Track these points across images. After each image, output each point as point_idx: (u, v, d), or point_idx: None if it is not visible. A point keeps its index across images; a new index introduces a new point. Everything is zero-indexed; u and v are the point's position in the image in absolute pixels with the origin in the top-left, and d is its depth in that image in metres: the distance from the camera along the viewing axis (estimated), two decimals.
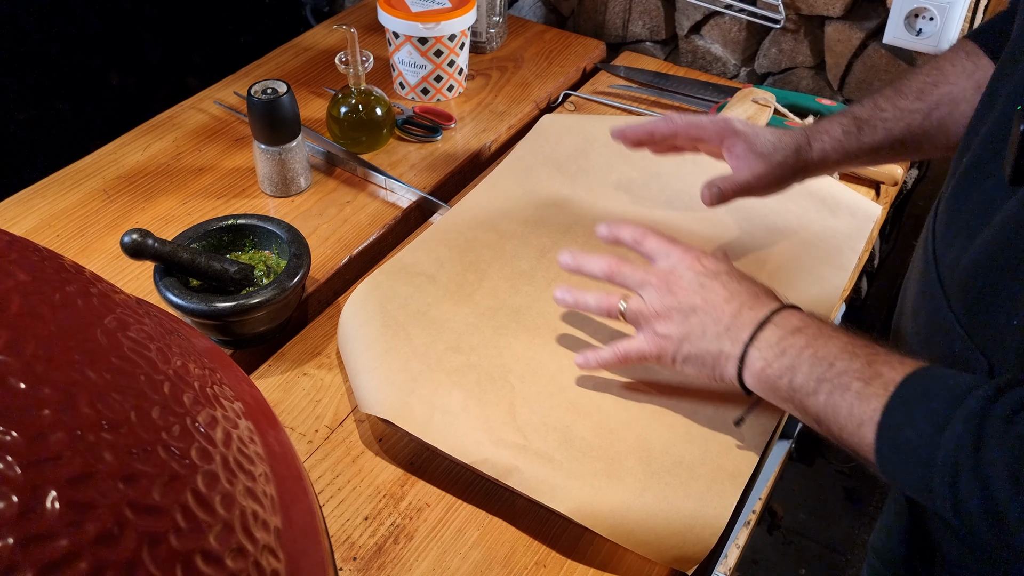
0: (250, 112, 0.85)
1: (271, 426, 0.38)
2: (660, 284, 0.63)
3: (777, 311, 0.59)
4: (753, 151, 0.73)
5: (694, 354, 0.61)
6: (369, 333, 0.72)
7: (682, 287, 0.62)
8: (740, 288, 0.62)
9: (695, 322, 0.61)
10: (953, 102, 0.70)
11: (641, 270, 0.65)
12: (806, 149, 0.73)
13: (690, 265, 0.63)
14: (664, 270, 0.64)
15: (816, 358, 0.54)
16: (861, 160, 0.74)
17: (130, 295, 0.38)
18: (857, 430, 0.51)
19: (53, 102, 1.17)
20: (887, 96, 0.73)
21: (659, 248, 0.66)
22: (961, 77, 0.70)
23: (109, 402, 0.28)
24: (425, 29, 1.00)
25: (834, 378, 0.53)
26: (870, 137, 0.72)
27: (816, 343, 0.55)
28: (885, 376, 0.51)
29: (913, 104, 0.71)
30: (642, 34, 1.23)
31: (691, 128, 0.75)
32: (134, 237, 0.66)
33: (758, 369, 0.58)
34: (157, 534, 0.26)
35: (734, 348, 0.59)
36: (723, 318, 0.60)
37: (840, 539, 1.56)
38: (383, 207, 0.91)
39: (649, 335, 0.63)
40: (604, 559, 0.61)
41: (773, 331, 0.58)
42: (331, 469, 0.66)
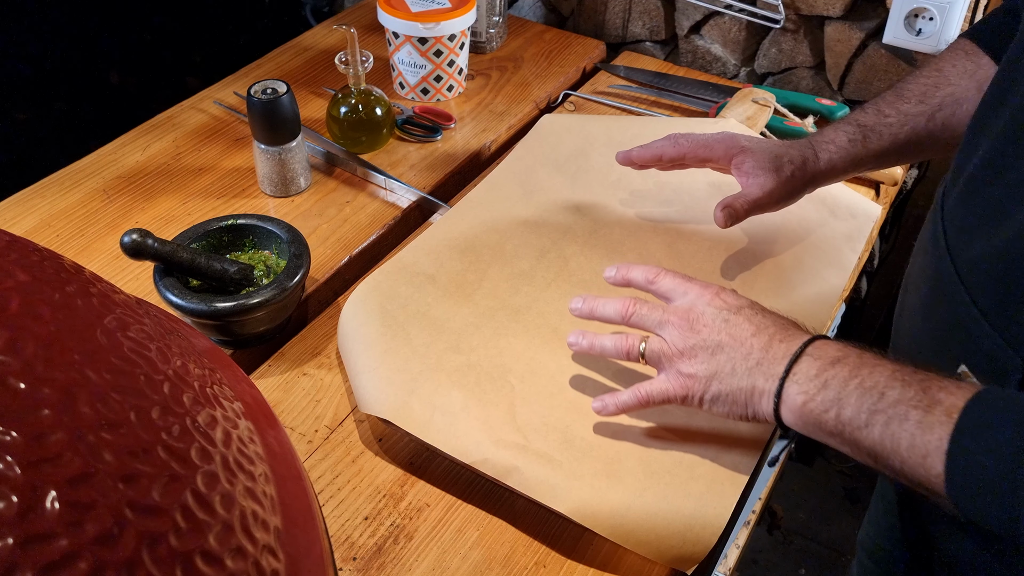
0: (250, 112, 0.85)
1: (271, 426, 0.38)
2: (681, 322, 0.61)
3: (810, 342, 0.56)
4: (762, 167, 0.72)
5: (724, 393, 0.58)
6: (369, 333, 0.72)
7: (705, 324, 0.60)
8: (766, 321, 0.59)
9: (723, 359, 0.58)
10: (956, 103, 0.70)
11: (659, 309, 0.63)
12: (813, 161, 0.73)
13: (710, 301, 0.61)
14: (684, 308, 0.62)
15: (864, 388, 0.51)
16: (867, 166, 0.74)
17: (130, 295, 0.38)
18: (922, 462, 0.48)
19: (53, 102, 1.17)
20: (889, 101, 0.73)
21: (675, 286, 0.64)
22: (963, 78, 0.70)
23: (109, 402, 0.28)
24: (425, 29, 1.00)
25: (888, 408, 0.50)
26: (876, 144, 0.72)
27: (861, 372, 0.52)
28: (945, 403, 0.48)
29: (916, 108, 0.71)
30: (642, 34, 1.23)
31: (698, 149, 0.75)
32: (134, 237, 0.66)
33: (799, 404, 0.54)
34: (157, 534, 0.26)
35: (768, 383, 0.56)
36: (753, 353, 0.58)
37: (840, 539, 1.56)
38: (383, 207, 0.91)
39: (673, 375, 0.61)
40: (604, 559, 0.61)
41: (810, 363, 0.55)
42: (331, 469, 0.66)
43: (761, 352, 0.57)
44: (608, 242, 0.83)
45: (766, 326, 0.59)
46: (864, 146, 0.72)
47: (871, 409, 0.51)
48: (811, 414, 0.54)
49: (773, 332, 0.58)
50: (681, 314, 0.61)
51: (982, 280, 0.54)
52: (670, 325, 0.61)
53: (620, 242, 0.83)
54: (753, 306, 0.61)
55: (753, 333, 0.58)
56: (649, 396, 0.61)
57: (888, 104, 0.73)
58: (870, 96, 1.10)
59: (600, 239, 0.84)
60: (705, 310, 0.60)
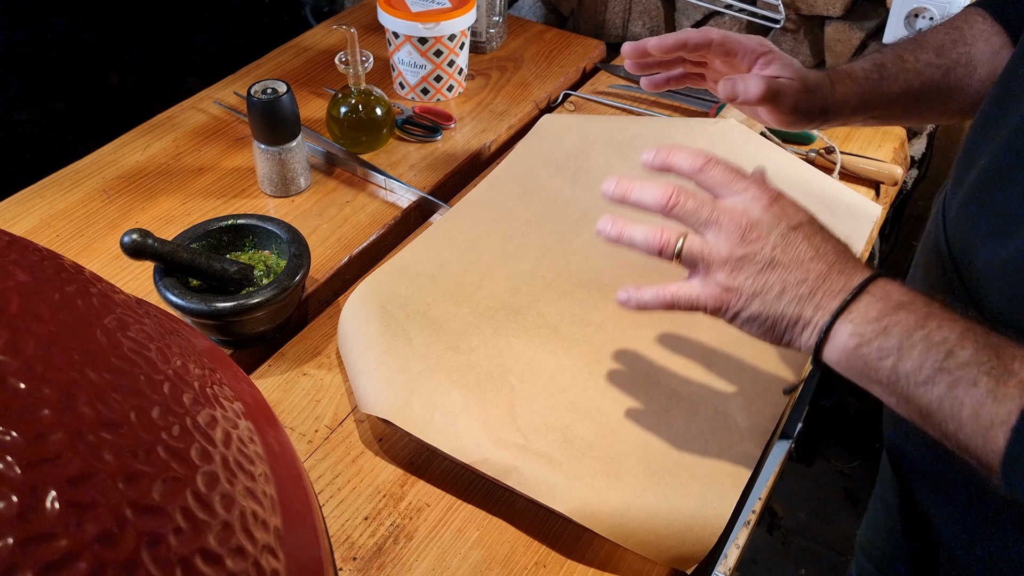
0: (250, 112, 0.85)
1: (271, 426, 0.38)
2: (731, 226, 0.53)
3: (872, 279, 0.51)
4: (788, 70, 0.68)
5: (764, 315, 0.53)
6: (369, 333, 0.72)
7: (759, 234, 0.53)
8: (826, 247, 0.53)
9: (772, 279, 0.53)
10: (971, 64, 0.68)
11: (708, 205, 0.55)
12: (830, 90, 0.69)
13: (767, 207, 0.54)
14: (737, 210, 0.54)
15: (931, 343, 0.47)
16: (876, 110, 0.71)
17: (130, 295, 0.38)
18: (984, 432, 0.45)
19: (53, 102, 1.17)
20: (907, 48, 0.70)
21: (728, 180, 0.56)
22: (979, 40, 0.69)
23: (109, 402, 0.28)
24: (425, 29, 1.00)
25: (956, 369, 0.46)
26: (889, 87, 0.69)
27: (929, 324, 0.48)
28: (1020, 374, 0.44)
29: (934, 59, 0.69)
30: (642, 34, 1.23)
31: (727, 40, 0.69)
32: (134, 237, 0.66)
33: (851, 346, 0.50)
34: (157, 534, 0.26)
35: (818, 316, 0.51)
36: (808, 279, 0.52)
37: (840, 539, 1.56)
38: (383, 207, 0.91)
39: (710, 285, 0.54)
40: (604, 559, 0.61)
41: (872, 303, 0.50)
42: (331, 469, 0.66)
43: (817, 280, 0.52)
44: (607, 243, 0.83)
45: (826, 252, 0.53)
46: (878, 86, 0.69)
47: (936, 367, 0.47)
48: (862, 359, 0.49)
49: (833, 261, 0.52)
50: (734, 217, 0.54)
51: (990, 292, 0.52)
52: (717, 227, 0.54)
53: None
54: (813, 223, 0.55)
55: (812, 257, 0.52)
56: (675, 299, 0.56)
57: (907, 50, 0.70)
58: None
59: (599, 239, 0.84)
60: (761, 217, 0.54)
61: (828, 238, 0.54)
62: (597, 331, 0.74)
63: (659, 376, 0.70)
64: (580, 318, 0.75)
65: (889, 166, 0.94)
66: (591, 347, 0.72)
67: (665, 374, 0.70)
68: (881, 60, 0.70)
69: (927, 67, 0.69)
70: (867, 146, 1.00)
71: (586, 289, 0.78)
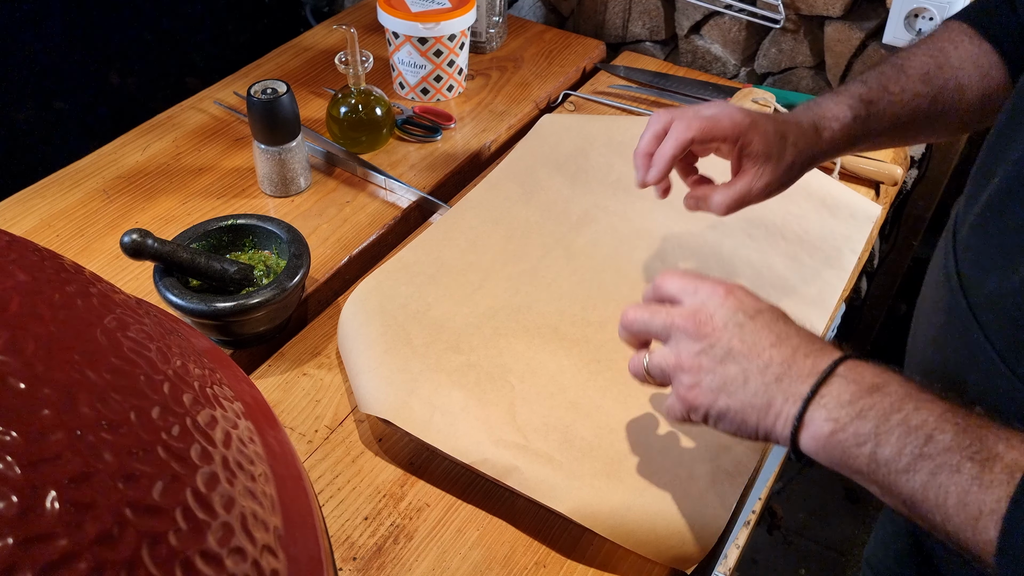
0: (250, 112, 0.85)
1: (271, 426, 0.38)
2: (686, 325, 0.52)
3: (842, 360, 0.48)
4: (767, 152, 0.65)
5: (733, 409, 0.51)
6: (369, 333, 0.72)
7: (714, 327, 0.51)
8: (789, 331, 0.51)
9: (733, 370, 0.50)
10: (959, 89, 0.66)
11: (662, 312, 0.54)
12: (815, 140, 0.67)
13: (722, 301, 0.52)
14: (691, 309, 0.53)
15: (909, 427, 0.44)
16: (865, 146, 0.70)
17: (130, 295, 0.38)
18: (972, 523, 0.42)
19: (53, 102, 1.17)
20: (890, 76, 0.68)
21: (682, 286, 0.55)
22: (966, 63, 0.66)
23: (109, 402, 0.28)
24: (425, 29, 1.00)
25: (937, 455, 0.43)
26: (877, 123, 0.67)
27: (905, 406, 0.45)
28: (1005, 458, 0.42)
29: (921, 88, 0.66)
30: (642, 34, 1.23)
31: (704, 137, 0.66)
32: (134, 237, 0.66)
33: (825, 433, 0.47)
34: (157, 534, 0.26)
35: (788, 405, 0.48)
36: (771, 366, 0.49)
37: (840, 539, 1.56)
38: (383, 207, 0.91)
39: (679, 391, 0.53)
40: (604, 559, 0.61)
41: (843, 386, 0.47)
42: (331, 469, 0.66)
43: (781, 366, 0.49)
44: (608, 242, 0.83)
45: (789, 336, 0.50)
46: (866, 125, 0.67)
47: (916, 453, 0.44)
48: (839, 446, 0.47)
49: (797, 344, 0.50)
50: (687, 316, 0.53)
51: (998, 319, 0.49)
52: (675, 330, 0.53)
53: (620, 242, 0.83)
54: (774, 311, 0.53)
55: (773, 343, 0.50)
56: (669, 414, 0.55)
57: (890, 79, 0.67)
58: None
59: (600, 239, 0.84)
60: (716, 311, 0.52)
61: (790, 323, 0.52)
62: (597, 331, 0.74)
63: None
64: (580, 318, 0.75)
65: (889, 166, 0.94)
66: (591, 347, 0.72)
67: None
68: (867, 95, 0.67)
69: (914, 97, 0.67)
70: None
71: (586, 289, 0.78)
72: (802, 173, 0.68)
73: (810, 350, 0.50)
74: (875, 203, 0.91)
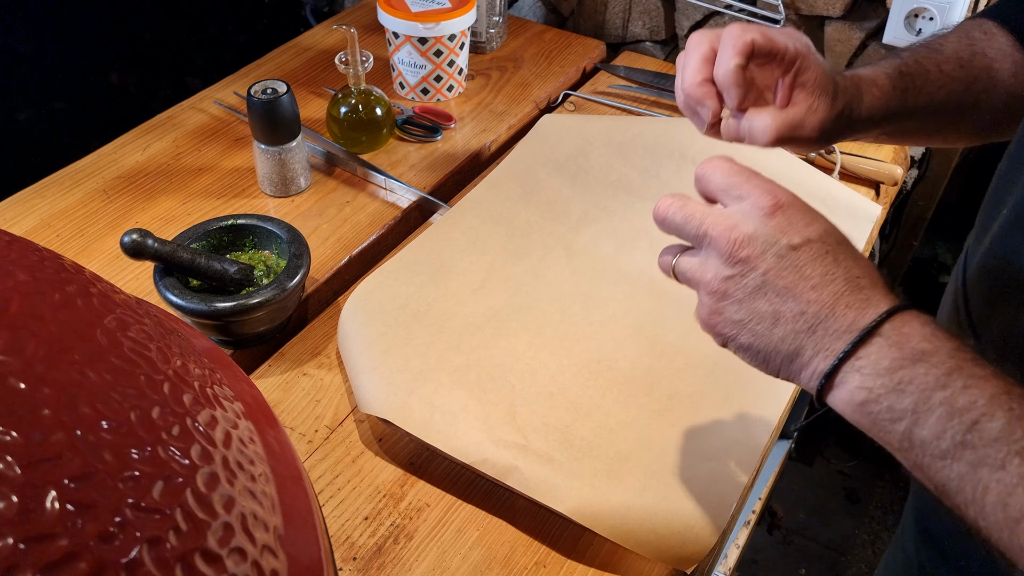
0: (250, 112, 0.85)
1: (271, 426, 0.38)
2: (720, 239, 0.46)
3: (889, 316, 0.42)
4: (823, 89, 0.58)
5: (755, 347, 0.46)
6: (369, 333, 0.72)
7: (751, 252, 0.45)
8: (836, 270, 0.44)
9: (763, 305, 0.45)
10: (991, 80, 0.61)
11: (697, 217, 0.47)
12: (858, 101, 0.60)
13: (766, 217, 0.45)
14: (729, 222, 0.46)
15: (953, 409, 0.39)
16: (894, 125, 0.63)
17: (130, 295, 0.38)
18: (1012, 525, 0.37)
19: (53, 102, 1.17)
20: (926, 55, 0.62)
21: (728, 184, 0.47)
22: (999, 54, 0.62)
23: (109, 402, 0.28)
24: (425, 29, 1.00)
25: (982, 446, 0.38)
26: (914, 98, 0.61)
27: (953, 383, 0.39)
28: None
29: (956, 70, 0.61)
30: (642, 34, 1.23)
31: (765, 43, 0.58)
32: (134, 237, 0.66)
33: (857, 400, 0.42)
34: (157, 534, 0.26)
35: (818, 359, 0.44)
36: (807, 311, 0.44)
37: (840, 539, 1.56)
38: (383, 207, 0.91)
39: (703, 307, 0.48)
40: (604, 559, 0.61)
41: (884, 350, 0.42)
42: (331, 469, 0.66)
43: (818, 314, 0.43)
44: (608, 242, 0.83)
45: (834, 278, 0.44)
46: (903, 98, 0.61)
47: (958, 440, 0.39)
48: (870, 417, 0.42)
49: (842, 290, 0.44)
50: (723, 228, 0.46)
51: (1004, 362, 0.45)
52: (707, 241, 0.46)
53: (620, 242, 0.83)
54: (825, 240, 0.45)
55: (814, 285, 0.44)
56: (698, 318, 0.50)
57: (926, 58, 0.62)
58: None
59: (600, 239, 0.84)
60: (757, 231, 0.45)
61: (840, 259, 0.45)
62: (598, 331, 0.74)
63: (659, 376, 0.70)
64: (581, 318, 0.75)
65: (889, 166, 0.94)
66: (592, 347, 0.72)
67: (666, 374, 0.70)
68: (904, 67, 0.62)
69: (949, 79, 0.61)
70: (867, 146, 1.00)
71: (586, 289, 0.78)
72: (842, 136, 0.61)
73: (854, 299, 0.43)
74: (875, 203, 0.91)
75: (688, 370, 0.71)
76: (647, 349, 0.72)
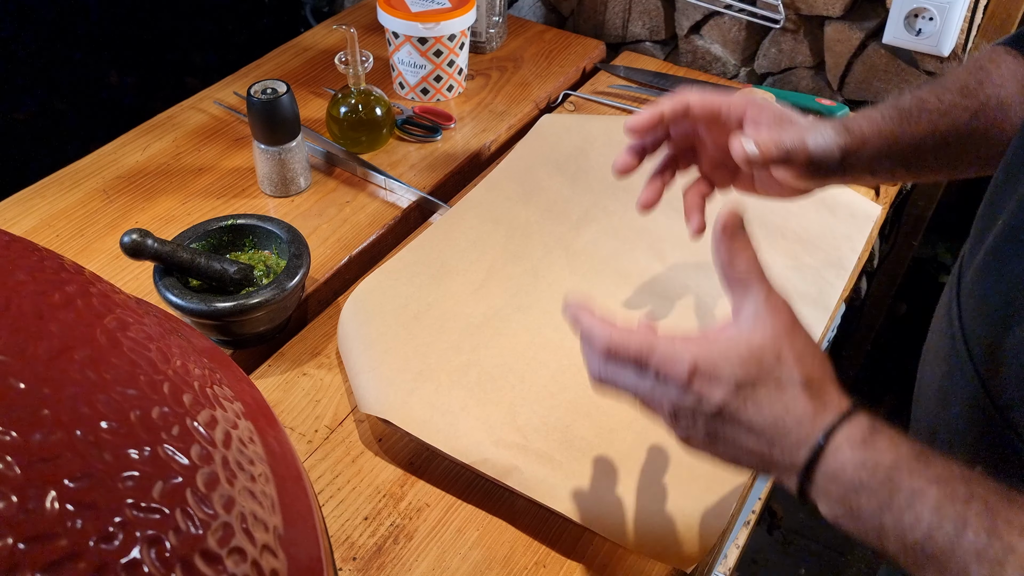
0: (250, 112, 0.85)
1: (271, 426, 0.38)
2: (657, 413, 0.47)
3: (817, 457, 0.43)
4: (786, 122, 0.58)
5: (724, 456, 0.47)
6: (369, 333, 0.72)
7: (687, 421, 0.46)
8: (760, 418, 0.44)
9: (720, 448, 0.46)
10: (1002, 107, 0.60)
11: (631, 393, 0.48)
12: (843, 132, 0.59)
13: (684, 390, 0.45)
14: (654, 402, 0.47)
15: (903, 529, 0.40)
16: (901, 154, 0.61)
17: (130, 295, 0.38)
18: None
19: (53, 102, 1.17)
20: (928, 90, 0.62)
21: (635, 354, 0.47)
22: (1009, 80, 0.61)
23: (109, 402, 0.28)
24: (425, 29, 1.00)
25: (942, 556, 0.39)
26: (913, 128, 0.60)
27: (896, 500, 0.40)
28: (1018, 549, 0.37)
29: (959, 100, 0.61)
30: (642, 34, 1.23)
31: (706, 102, 0.60)
32: (134, 237, 0.66)
33: (830, 516, 0.43)
34: (157, 534, 0.26)
35: (787, 480, 0.45)
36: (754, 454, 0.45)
37: (840, 539, 1.56)
38: (383, 207, 0.91)
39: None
40: (604, 559, 0.61)
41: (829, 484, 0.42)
42: (331, 469, 0.66)
43: (764, 458, 0.45)
44: (608, 242, 0.83)
45: (762, 428, 0.44)
46: (899, 126, 0.60)
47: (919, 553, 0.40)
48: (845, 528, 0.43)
49: (772, 438, 0.44)
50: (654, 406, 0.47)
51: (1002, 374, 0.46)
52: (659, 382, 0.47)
53: (620, 242, 0.83)
54: (740, 392, 0.44)
55: (747, 433, 0.45)
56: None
57: (928, 93, 0.62)
58: (870, 96, 1.10)
59: (600, 239, 0.84)
60: (681, 401, 0.46)
61: (762, 404, 0.44)
62: None
63: None
64: None
65: None
66: None
67: None
68: (898, 103, 0.62)
69: (952, 108, 0.60)
70: None
71: (586, 289, 0.78)
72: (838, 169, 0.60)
73: (784, 443, 0.44)
74: (875, 203, 0.91)
75: None
76: None
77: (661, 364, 0.45)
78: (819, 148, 0.58)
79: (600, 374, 0.49)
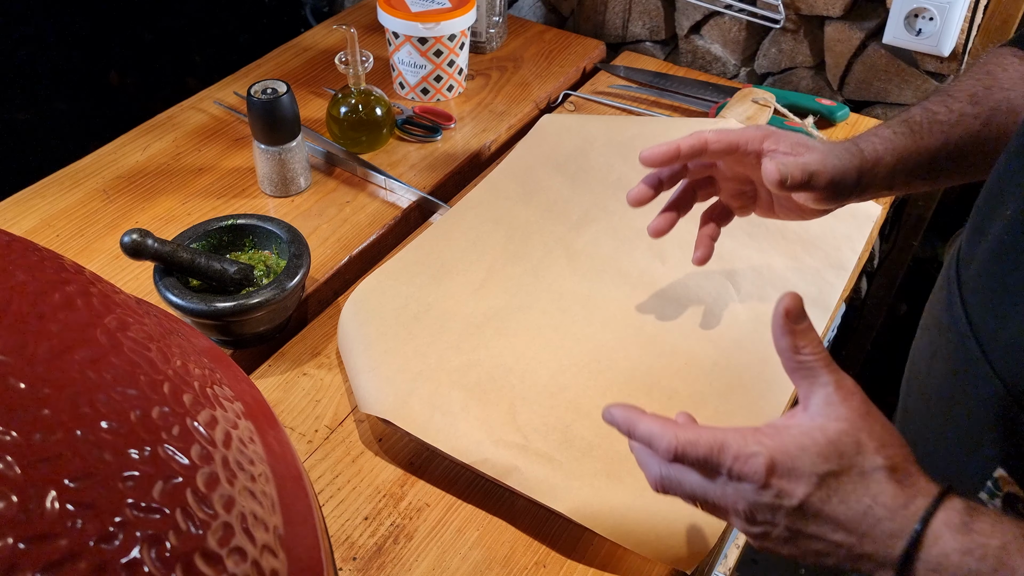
0: (250, 112, 0.85)
1: (271, 426, 0.38)
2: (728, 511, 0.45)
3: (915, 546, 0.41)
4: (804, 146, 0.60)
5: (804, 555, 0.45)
6: (369, 333, 0.72)
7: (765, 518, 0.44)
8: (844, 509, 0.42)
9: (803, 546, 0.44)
10: (1012, 110, 0.60)
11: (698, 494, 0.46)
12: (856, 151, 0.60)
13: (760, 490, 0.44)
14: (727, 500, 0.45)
15: None
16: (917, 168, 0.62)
17: (130, 295, 0.38)
18: None
19: (53, 102, 1.17)
20: (935, 100, 0.63)
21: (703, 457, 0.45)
22: (1017, 83, 0.61)
23: (109, 402, 0.28)
24: (425, 29, 1.00)
25: None
26: (926, 141, 0.61)
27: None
28: None
29: (969, 108, 0.61)
30: (642, 34, 1.23)
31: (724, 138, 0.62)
32: (134, 237, 0.66)
33: None
34: (157, 534, 0.26)
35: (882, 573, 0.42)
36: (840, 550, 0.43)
37: None
38: (383, 207, 0.91)
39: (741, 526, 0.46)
40: (604, 559, 0.61)
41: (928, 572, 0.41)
42: (331, 469, 0.66)
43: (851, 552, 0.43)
44: (608, 242, 0.83)
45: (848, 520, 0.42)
46: (913, 140, 0.60)
47: None
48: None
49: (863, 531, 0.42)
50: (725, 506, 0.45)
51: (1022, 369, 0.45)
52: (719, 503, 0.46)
53: (620, 242, 0.83)
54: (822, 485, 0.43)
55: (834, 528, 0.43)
56: None
57: (936, 104, 0.62)
58: (870, 96, 1.10)
59: (600, 239, 0.84)
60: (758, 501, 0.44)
61: (847, 496, 0.42)
62: (598, 331, 0.74)
63: (659, 376, 0.70)
64: (581, 318, 0.75)
65: None
66: (591, 347, 0.72)
67: (665, 374, 0.70)
68: (908, 117, 0.62)
69: (963, 117, 0.61)
70: None
71: (587, 289, 0.78)
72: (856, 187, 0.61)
73: (878, 534, 0.42)
74: (875, 203, 0.91)
75: (688, 370, 0.71)
76: (647, 349, 0.72)
77: (734, 462, 0.43)
78: (837, 171, 0.59)
79: (663, 478, 0.47)
